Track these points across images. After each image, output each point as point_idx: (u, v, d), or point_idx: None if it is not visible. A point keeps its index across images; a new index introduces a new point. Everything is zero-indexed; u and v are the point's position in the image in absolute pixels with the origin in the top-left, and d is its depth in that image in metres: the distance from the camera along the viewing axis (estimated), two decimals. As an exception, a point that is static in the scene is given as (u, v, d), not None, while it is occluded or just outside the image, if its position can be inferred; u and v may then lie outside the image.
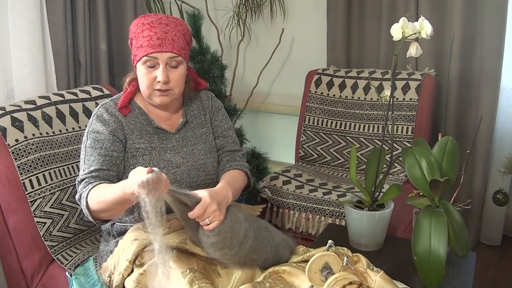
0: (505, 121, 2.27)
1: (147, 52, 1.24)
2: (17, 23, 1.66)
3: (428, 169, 1.31)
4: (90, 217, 1.20)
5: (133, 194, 1.01)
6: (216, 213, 1.11)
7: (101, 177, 1.24)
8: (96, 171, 1.24)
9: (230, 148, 1.47)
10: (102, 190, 1.17)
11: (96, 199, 1.16)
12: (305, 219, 1.92)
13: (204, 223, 1.11)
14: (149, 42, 1.24)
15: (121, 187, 1.09)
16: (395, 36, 1.28)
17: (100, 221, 1.23)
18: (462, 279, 1.32)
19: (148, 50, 1.24)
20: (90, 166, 1.24)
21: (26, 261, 1.43)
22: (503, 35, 2.09)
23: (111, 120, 1.30)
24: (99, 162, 1.25)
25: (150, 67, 1.27)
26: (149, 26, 1.26)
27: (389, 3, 2.29)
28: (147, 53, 1.24)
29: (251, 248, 1.15)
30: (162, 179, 0.99)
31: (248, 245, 1.14)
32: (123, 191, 1.07)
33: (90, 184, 1.20)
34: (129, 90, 1.36)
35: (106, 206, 1.15)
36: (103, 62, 2.01)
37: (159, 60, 1.26)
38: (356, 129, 2.26)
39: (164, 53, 1.25)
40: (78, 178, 1.26)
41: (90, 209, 1.18)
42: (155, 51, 1.24)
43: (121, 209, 1.17)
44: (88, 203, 1.18)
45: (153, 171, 0.99)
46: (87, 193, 1.18)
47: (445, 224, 1.18)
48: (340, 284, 0.97)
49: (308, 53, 2.73)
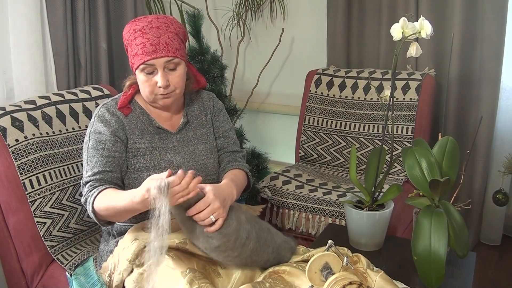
0: (505, 121, 2.27)
1: (143, 60, 1.24)
2: (17, 23, 1.66)
3: (428, 169, 1.30)
4: (96, 220, 1.24)
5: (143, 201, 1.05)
6: (220, 211, 1.12)
7: (105, 180, 1.25)
8: (100, 173, 1.25)
9: (231, 149, 1.48)
10: (109, 197, 1.19)
11: (103, 206, 1.19)
12: (305, 219, 1.92)
13: (208, 221, 1.10)
14: (143, 49, 1.24)
15: (129, 196, 1.11)
16: (395, 36, 1.28)
17: (105, 222, 1.27)
18: (462, 279, 1.32)
19: (143, 58, 1.24)
20: (93, 168, 1.26)
21: (26, 261, 1.43)
22: (503, 35, 2.09)
23: (112, 120, 1.30)
24: (102, 164, 1.26)
25: (149, 73, 1.27)
26: (141, 33, 1.25)
27: (389, 3, 2.29)
28: (143, 61, 1.24)
29: (253, 250, 1.15)
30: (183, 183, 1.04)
31: (250, 247, 1.14)
32: (132, 201, 1.10)
33: (95, 189, 1.22)
34: (129, 93, 1.36)
35: (113, 213, 1.19)
36: (103, 62, 2.01)
37: (156, 66, 1.26)
38: (356, 129, 2.26)
39: (159, 59, 1.25)
40: (83, 180, 1.28)
41: (97, 215, 1.22)
42: (150, 58, 1.24)
43: (128, 216, 1.21)
44: (95, 208, 1.21)
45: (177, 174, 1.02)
46: (93, 199, 1.20)
47: (445, 224, 1.18)
48: (340, 284, 0.97)
49: (308, 53, 2.73)
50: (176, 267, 1.10)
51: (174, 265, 1.10)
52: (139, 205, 1.09)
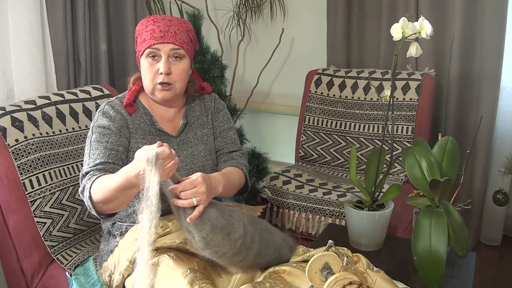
0: (505, 121, 2.27)
1: (149, 44, 1.27)
2: (17, 23, 1.66)
3: (428, 169, 1.30)
4: (93, 210, 1.17)
5: (137, 175, 0.99)
6: (203, 196, 1.08)
7: (106, 170, 1.21)
8: (102, 164, 1.22)
9: (227, 150, 1.47)
10: (105, 179, 1.14)
11: (99, 189, 1.13)
12: (305, 219, 1.92)
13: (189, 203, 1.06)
14: (152, 35, 1.27)
15: (124, 171, 1.06)
16: (395, 36, 1.28)
17: (104, 215, 1.20)
18: (462, 279, 1.32)
19: (150, 42, 1.27)
20: (95, 160, 1.23)
21: (26, 261, 1.43)
22: (503, 35, 2.09)
23: (117, 117, 1.30)
24: (105, 156, 1.23)
25: (153, 58, 1.28)
26: (153, 22, 1.30)
27: (389, 3, 2.29)
28: (150, 45, 1.27)
29: (257, 253, 1.14)
30: (172, 154, 0.99)
31: (255, 250, 1.14)
32: (126, 175, 1.05)
33: (94, 176, 1.17)
34: (133, 89, 1.36)
35: (109, 195, 1.11)
36: (103, 62, 2.01)
37: (161, 52, 1.28)
38: (356, 129, 2.26)
39: (166, 44, 1.27)
40: (82, 171, 1.23)
41: (93, 201, 1.15)
42: (157, 42, 1.27)
43: (125, 197, 1.12)
44: (91, 193, 1.15)
45: (163, 145, 0.98)
46: (90, 184, 1.15)
47: (445, 224, 1.18)
48: (340, 284, 0.97)
49: (308, 53, 2.73)
50: (176, 267, 1.10)
51: (174, 265, 1.10)
52: (134, 178, 1.02)
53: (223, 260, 1.12)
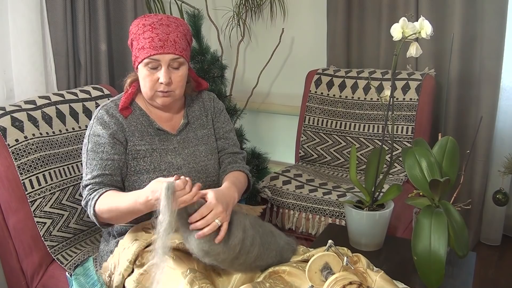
0: (505, 121, 2.27)
1: (149, 54, 1.24)
2: (17, 23, 1.66)
3: (428, 169, 1.30)
4: (97, 223, 1.24)
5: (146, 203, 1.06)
6: (223, 215, 1.11)
7: (105, 183, 1.25)
8: (100, 176, 1.25)
9: (231, 150, 1.47)
10: (111, 199, 1.19)
11: (105, 208, 1.18)
12: (305, 219, 1.92)
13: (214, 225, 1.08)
14: (151, 43, 1.23)
15: (133, 197, 1.12)
16: (395, 36, 1.28)
17: (105, 225, 1.27)
18: (462, 279, 1.32)
19: (150, 52, 1.23)
20: (93, 171, 1.26)
21: (26, 261, 1.43)
22: (503, 35, 2.09)
23: (111, 122, 1.29)
24: (102, 167, 1.26)
25: (152, 68, 1.26)
26: (151, 28, 1.25)
27: (389, 3, 2.29)
28: (149, 55, 1.24)
29: (257, 256, 1.14)
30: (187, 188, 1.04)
31: (255, 253, 1.13)
32: (135, 201, 1.10)
33: (95, 192, 1.22)
34: (130, 91, 1.35)
35: (115, 215, 1.18)
36: (103, 62, 2.01)
37: (161, 62, 1.25)
38: (356, 129, 2.26)
39: (166, 55, 1.24)
40: (82, 183, 1.27)
41: (98, 217, 1.22)
42: (157, 52, 1.23)
43: (129, 218, 1.21)
44: (96, 211, 1.20)
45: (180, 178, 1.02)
46: (94, 202, 1.20)
47: (445, 224, 1.18)
48: (340, 284, 0.97)
49: (308, 53, 2.73)
50: (176, 267, 1.10)
51: (174, 265, 1.10)
52: (142, 206, 1.09)
53: (223, 264, 1.13)
